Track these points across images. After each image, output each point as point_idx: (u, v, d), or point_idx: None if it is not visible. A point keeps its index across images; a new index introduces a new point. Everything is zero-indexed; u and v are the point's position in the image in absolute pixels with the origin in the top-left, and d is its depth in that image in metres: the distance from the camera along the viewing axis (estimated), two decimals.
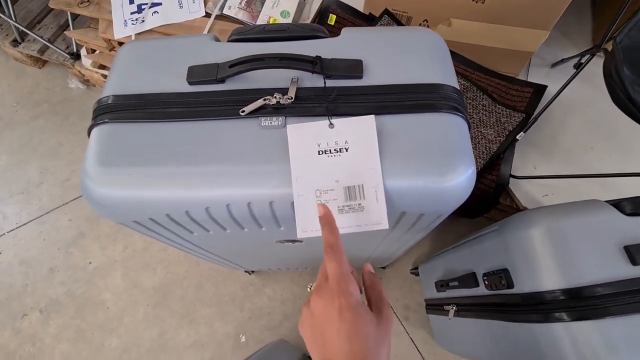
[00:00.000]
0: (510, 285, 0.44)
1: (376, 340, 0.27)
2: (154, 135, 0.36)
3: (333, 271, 0.29)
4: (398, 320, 0.91)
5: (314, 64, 0.37)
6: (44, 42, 1.13)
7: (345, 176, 0.34)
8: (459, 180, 0.35)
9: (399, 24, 0.98)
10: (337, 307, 0.27)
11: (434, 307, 0.76)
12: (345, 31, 0.42)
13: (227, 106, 0.36)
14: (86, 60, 1.10)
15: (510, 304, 0.44)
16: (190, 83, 0.38)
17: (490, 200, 0.88)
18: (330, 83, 0.37)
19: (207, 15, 0.91)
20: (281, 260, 0.69)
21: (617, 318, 0.35)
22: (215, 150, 0.35)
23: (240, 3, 0.92)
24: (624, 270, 0.37)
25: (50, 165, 1.14)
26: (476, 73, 0.99)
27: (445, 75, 0.39)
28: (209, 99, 0.37)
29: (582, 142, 0.92)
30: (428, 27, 1.00)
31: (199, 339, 0.91)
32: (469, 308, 0.57)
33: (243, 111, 0.36)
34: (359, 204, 0.33)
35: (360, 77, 0.38)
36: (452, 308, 0.62)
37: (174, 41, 0.42)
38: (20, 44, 1.20)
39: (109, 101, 0.38)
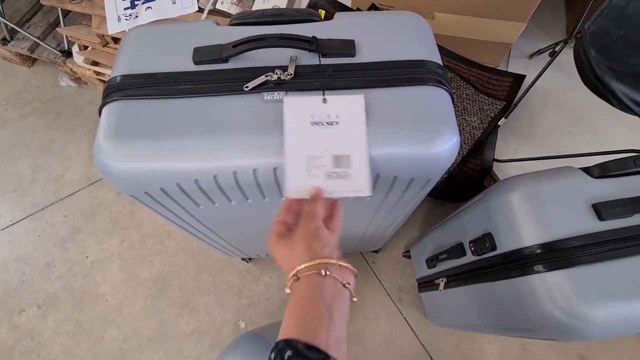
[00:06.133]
0: (493, 247, 0.48)
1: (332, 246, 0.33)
2: (163, 110, 0.39)
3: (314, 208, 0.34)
4: (392, 301, 0.95)
5: (310, 43, 0.40)
6: (35, 39, 1.13)
7: (334, 146, 0.36)
8: (445, 147, 0.39)
9: None
10: (313, 230, 0.33)
11: (426, 284, 0.79)
12: (338, 15, 0.46)
13: (232, 83, 0.39)
14: (78, 57, 1.10)
15: (494, 264, 0.48)
16: (196, 62, 0.41)
17: (476, 184, 0.93)
18: (326, 61, 0.41)
19: (200, 10, 0.94)
20: None
21: (586, 266, 0.40)
22: (222, 123, 0.38)
23: None
24: (592, 225, 0.42)
25: (43, 162, 1.15)
26: (459, 64, 1.04)
27: (429, 52, 0.43)
28: (215, 76, 0.40)
29: (559, 127, 0.98)
30: None
31: (198, 326, 0.93)
32: (458, 277, 0.61)
33: (247, 87, 0.39)
34: (345, 172, 0.36)
35: (353, 55, 0.41)
36: (442, 280, 0.66)
37: (178, 26, 0.45)
38: (9, 42, 1.20)
39: (118, 80, 0.41)
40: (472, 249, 0.53)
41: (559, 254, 0.41)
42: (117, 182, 0.39)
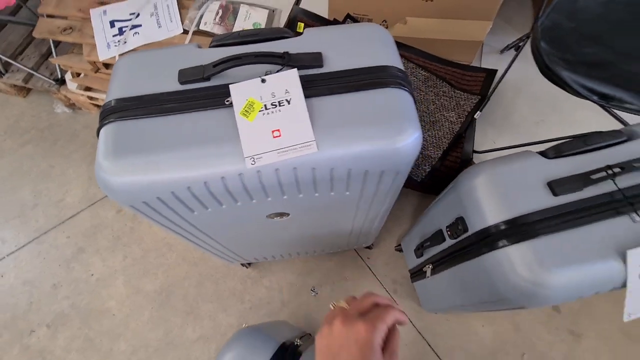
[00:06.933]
0: (465, 229, 0.53)
1: None
2: (154, 128, 0.43)
3: (380, 316, 0.32)
4: (388, 293, 0.99)
5: (282, 58, 0.45)
6: (29, 70, 1.18)
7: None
8: (408, 141, 0.44)
9: None
10: (364, 339, 0.31)
11: (416, 273, 0.84)
12: (307, 31, 0.51)
13: (214, 98, 0.44)
14: (72, 84, 1.15)
15: (468, 245, 0.53)
16: (182, 83, 0.45)
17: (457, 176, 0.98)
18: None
19: (185, 32, 0.99)
20: (274, 244, 0.76)
21: (543, 237, 0.44)
22: (207, 134, 0.42)
23: (215, 18, 1.00)
24: (548, 200, 0.46)
25: (43, 188, 1.19)
26: (434, 64, 1.09)
27: (390, 58, 0.48)
28: (199, 94, 0.45)
29: (531, 116, 1.04)
30: (387, 26, 1.10)
31: (204, 333, 0.96)
32: (441, 262, 0.65)
33: (228, 101, 0.43)
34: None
35: (321, 66, 0.46)
36: (429, 267, 0.71)
37: (164, 51, 0.50)
38: (3, 75, 1.25)
39: (112, 104, 0.45)
40: (449, 233, 0.58)
41: (520, 229, 0.45)
42: (117, 195, 0.43)
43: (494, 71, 1.06)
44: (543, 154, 0.51)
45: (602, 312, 0.94)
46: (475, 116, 0.98)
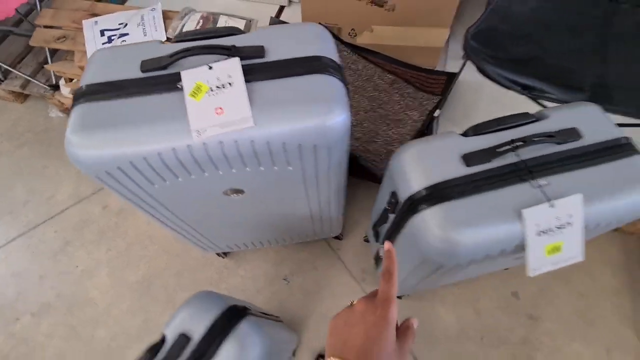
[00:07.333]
0: (397, 201, 0.59)
1: (389, 357, 0.33)
2: (117, 108, 0.50)
3: (384, 289, 0.36)
4: (356, 282, 1.04)
5: (229, 50, 0.52)
6: (26, 77, 1.27)
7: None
8: (336, 120, 0.51)
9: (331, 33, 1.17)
10: (378, 314, 0.33)
11: (377, 259, 0.89)
12: (257, 29, 0.59)
13: (169, 83, 0.51)
14: (65, 89, 1.24)
15: (401, 215, 0.59)
16: (143, 71, 0.53)
17: None
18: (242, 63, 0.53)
19: (168, 40, 1.08)
20: (239, 226, 0.81)
21: (455, 201, 0.50)
22: (161, 113, 0.49)
23: (196, 27, 1.10)
24: (462, 170, 0.53)
25: (36, 186, 1.26)
26: (400, 68, 1.17)
27: (326, 51, 0.55)
28: (156, 80, 0.52)
29: (490, 113, 1.10)
30: (356, 35, 1.19)
31: None
32: (388, 240, 0.71)
33: (180, 85, 0.51)
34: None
35: (262, 57, 0.54)
36: (382, 248, 0.76)
37: (131, 46, 0.58)
38: (2, 82, 1.34)
39: (83, 89, 0.53)
40: (388, 209, 0.64)
41: (436, 194, 0.51)
42: (83, 165, 0.50)
43: (454, 74, 1.14)
44: (464, 133, 0.58)
45: (558, 296, 0.98)
46: (435, 114, 1.05)
